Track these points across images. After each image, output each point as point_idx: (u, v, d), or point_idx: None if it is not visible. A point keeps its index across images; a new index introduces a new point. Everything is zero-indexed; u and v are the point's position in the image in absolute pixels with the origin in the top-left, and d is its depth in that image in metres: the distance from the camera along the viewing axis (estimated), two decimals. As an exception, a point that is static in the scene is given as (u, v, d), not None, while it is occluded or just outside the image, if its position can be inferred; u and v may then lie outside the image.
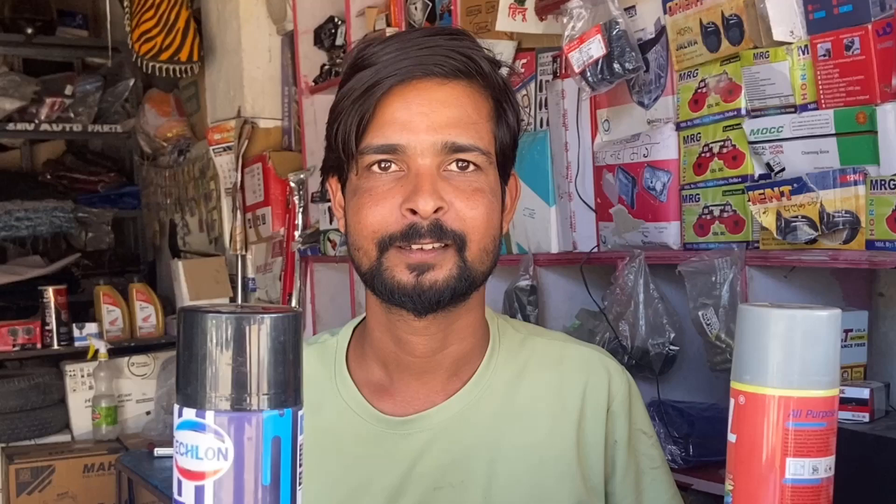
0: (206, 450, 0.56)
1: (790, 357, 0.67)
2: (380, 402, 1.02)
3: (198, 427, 0.56)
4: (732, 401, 0.69)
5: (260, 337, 0.56)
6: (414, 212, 0.93)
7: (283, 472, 0.57)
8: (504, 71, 1.02)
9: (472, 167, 0.96)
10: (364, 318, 1.07)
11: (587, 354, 1.08)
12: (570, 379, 1.05)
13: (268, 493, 0.57)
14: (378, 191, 0.95)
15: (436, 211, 0.93)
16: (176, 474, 0.57)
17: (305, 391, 1.06)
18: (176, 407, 0.57)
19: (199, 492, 0.56)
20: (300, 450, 0.59)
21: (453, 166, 0.96)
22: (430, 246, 0.94)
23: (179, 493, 0.57)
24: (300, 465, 0.59)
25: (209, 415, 0.56)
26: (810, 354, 0.67)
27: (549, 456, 1.02)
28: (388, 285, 0.95)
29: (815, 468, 0.67)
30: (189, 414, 0.56)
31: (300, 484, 0.59)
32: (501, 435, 1.02)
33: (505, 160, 1.02)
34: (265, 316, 0.56)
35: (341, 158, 0.99)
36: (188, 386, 0.56)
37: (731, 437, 0.70)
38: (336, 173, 1.03)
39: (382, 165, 0.96)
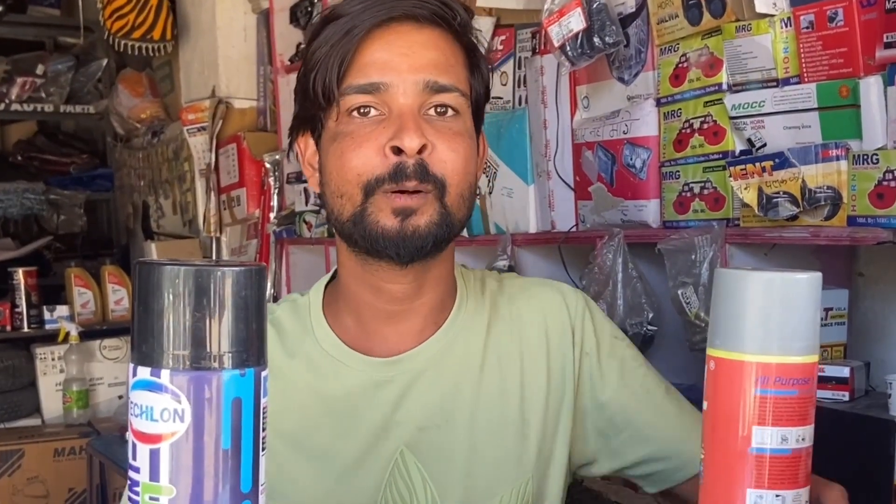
0: (161, 411, 0.52)
1: (760, 321, 0.65)
2: (358, 347, 1.03)
3: (153, 387, 0.52)
4: (706, 367, 0.68)
5: (221, 291, 0.53)
6: (399, 151, 0.93)
7: (245, 436, 0.54)
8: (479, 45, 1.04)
9: (450, 112, 0.97)
10: (332, 277, 1.07)
11: (541, 289, 1.11)
12: (532, 319, 1.08)
13: (228, 458, 0.53)
14: (360, 133, 0.95)
15: (420, 151, 0.94)
16: (131, 437, 0.54)
17: (282, 342, 1.05)
18: (131, 366, 0.54)
19: (154, 456, 0.53)
20: (263, 413, 0.55)
21: (432, 111, 0.97)
22: (412, 187, 0.94)
23: (134, 458, 0.54)
24: (263, 430, 0.55)
25: (165, 374, 0.52)
26: (782, 319, 0.65)
27: (526, 395, 1.04)
28: (372, 231, 0.95)
29: (784, 437, 0.65)
30: (144, 373, 0.53)
31: (263, 449, 0.55)
32: (479, 376, 1.04)
33: (478, 113, 1.03)
34: (227, 269, 0.53)
35: (319, 106, 0.98)
36: (143, 343, 0.53)
37: (704, 405, 0.68)
38: (308, 128, 1.03)
39: (362, 111, 0.96)
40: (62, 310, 3.60)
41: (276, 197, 3.05)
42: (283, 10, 3.03)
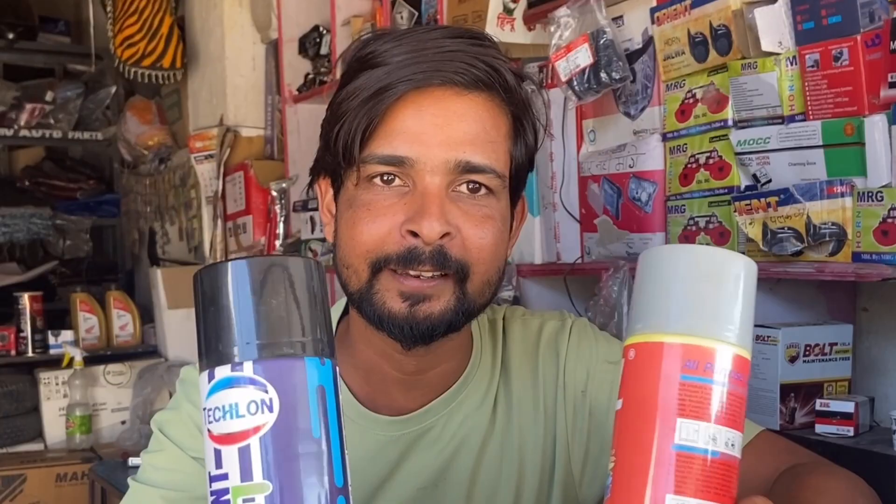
0: (247, 404, 0.50)
1: (683, 297, 0.55)
2: (365, 402, 0.99)
3: (235, 382, 0.50)
4: (622, 361, 0.58)
5: (293, 278, 0.51)
6: (415, 234, 0.85)
7: (332, 426, 0.51)
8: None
9: (483, 190, 0.88)
10: (343, 310, 1.01)
11: (548, 332, 1.03)
12: (543, 368, 1.01)
13: (320, 446, 0.50)
14: (377, 206, 0.87)
15: (441, 237, 0.85)
16: (211, 447, 0.51)
17: None
18: (204, 375, 0.51)
19: (243, 454, 0.49)
20: (342, 411, 0.53)
21: (463, 187, 0.87)
22: (429, 274, 0.86)
23: (219, 466, 0.50)
24: (344, 427, 0.53)
25: (247, 365, 0.50)
26: (709, 297, 0.55)
27: (527, 450, 1.00)
28: (378, 312, 0.88)
29: (713, 437, 0.54)
30: (223, 372, 0.50)
31: (346, 449, 0.53)
32: (484, 436, 1.00)
33: (518, 183, 0.94)
34: (297, 258, 0.52)
35: (339, 163, 0.90)
36: (218, 343, 0.51)
37: (618, 405, 0.58)
38: (329, 175, 0.96)
39: (385, 178, 0.87)
40: (67, 335, 3.61)
41: (281, 225, 3.06)
42: (291, 41, 3.06)
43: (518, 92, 0.91)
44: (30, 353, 3.57)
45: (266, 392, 0.50)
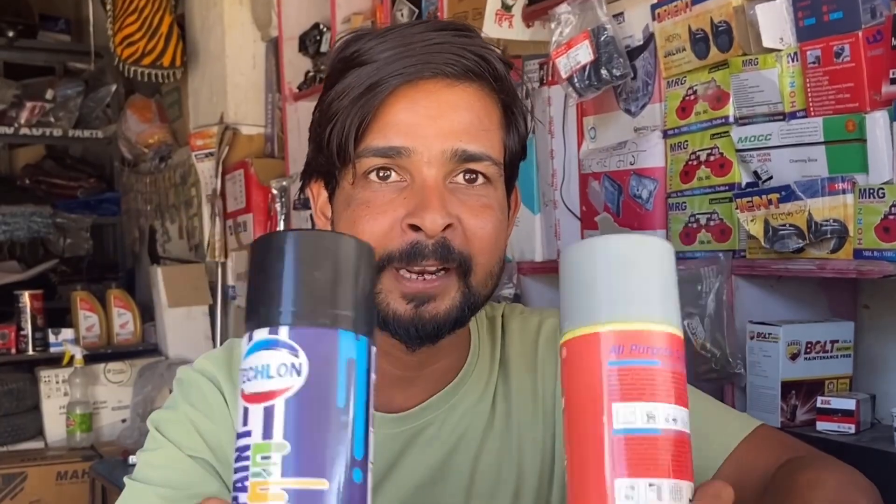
0: (278, 366, 0.52)
1: (606, 286, 0.57)
2: None
3: (270, 344, 0.52)
4: (560, 363, 0.60)
5: (338, 254, 0.54)
6: (417, 228, 0.84)
7: (357, 399, 0.53)
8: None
9: (480, 179, 0.88)
10: None
11: (547, 329, 1.03)
12: (543, 365, 1.01)
13: (341, 416, 0.52)
14: (376, 202, 0.86)
15: (443, 229, 0.84)
16: (241, 405, 0.53)
17: None
18: (245, 338, 0.54)
19: (268, 413, 0.51)
20: (373, 388, 0.55)
21: (460, 178, 0.87)
22: (432, 269, 0.85)
23: (245, 423, 0.52)
24: (372, 405, 0.54)
25: (283, 330, 0.52)
26: (631, 282, 0.57)
27: (527, 447, 1.00)
28: (382, 314, 0.87)
29: (650, 415, 0.55)
30: (261, 334, 0.53)
31: (372, 425, 0.54)
32: (483, 434, 0.99)
33: (512, 171, 0.94)
34: (346, 236, 0.55)
35: (333, 163, 0.89)
36: (260, 307, 0.53)
37: (562, 403, 0.59)
38: (322, 178, 0.95)
39: (381, 174, 0.86)
40: (67, 333, 3.61)
41: (282, 223, 3.06)
42: (291, 39, 3.06)
43: (507, 80, 0.90)
44: (30, 352, 3.58)
45: (297, 356, 0.52)
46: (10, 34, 4.33)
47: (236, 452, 0.53)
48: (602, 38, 1.66)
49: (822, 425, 1.41)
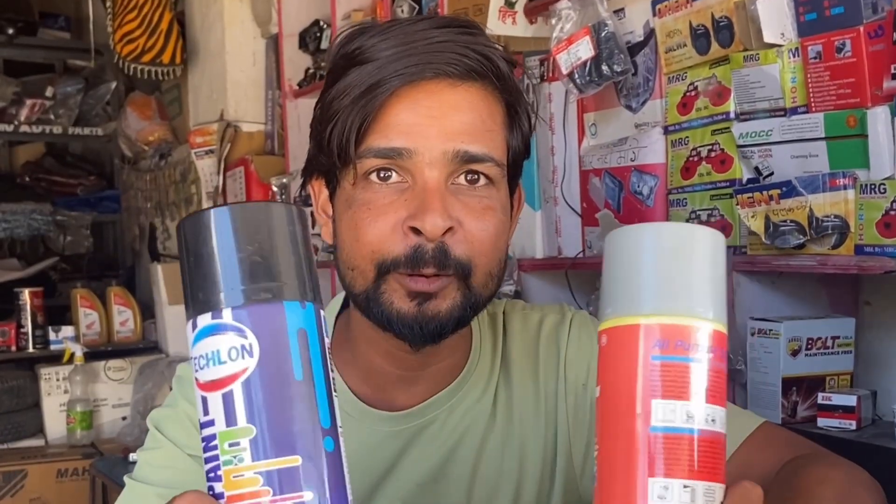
0: (228, 350, 0.51)
1: (653, 276, 0.54)
2: (364, 398, 0.98)
3: (216, 329, 0.51)
4: (596, 348, 0.58)
5: (271, 223, 0.52)
6: (418, 231, 0.83)
7: (315, 369, 0.52)
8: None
9: (483, 181, 0.87)
10: (343, 303, 1.00)
11: (548, 326, 1.03)
12: (544, 362, 1.01)
13: (302, 388, 0.51)
14: (377, 204, 0.85)
15: (444, 233, 0.84)
16: (199, 394, 0.52)
17: None
18: (189, 325, 0.52)
19: (227, 400, 0.50)
20: (328, 353, 0.53)
21: (462, 179, 0.86)
22: (431, 272, 0.84)
23: (206, 413, 0.51)
24: (331, 369, 0.53)
25: (226, 312, 0.51)
26: (680, 274, 0.54)
27: (528, 444, 0.99)
28: (386, 312, 0.86)
29: (689, 414, 0.53)
30: (205, 320, 0.51)
31: (335, 391, 0.53)
32: (485, 431, 0.99)
33: (515, 171, 0.94)
34: (273, 204, 0.53)
35: (334, 163, 0.88)
36: (199, 292, 0.52)
37: (595, 393, 0.57)
38: (323, 176, 0.94)
39: (382, 175, 0.85)
40: (67, 330, 3.61)
41: (282, 220, 3.06)
42: (291, 36, 3.05)
43: (511, 79, 0.89)
44: (30, 349, 3.57)
45: (245, 338, 0.51)
46: (10, 31, 4.32)
47: (203, 443, 0.52)
48: (603, 34, 1.66)
49: (822, 422, 1.40)
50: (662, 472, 0.53)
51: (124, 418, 3.49)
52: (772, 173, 1.44)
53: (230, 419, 0.50)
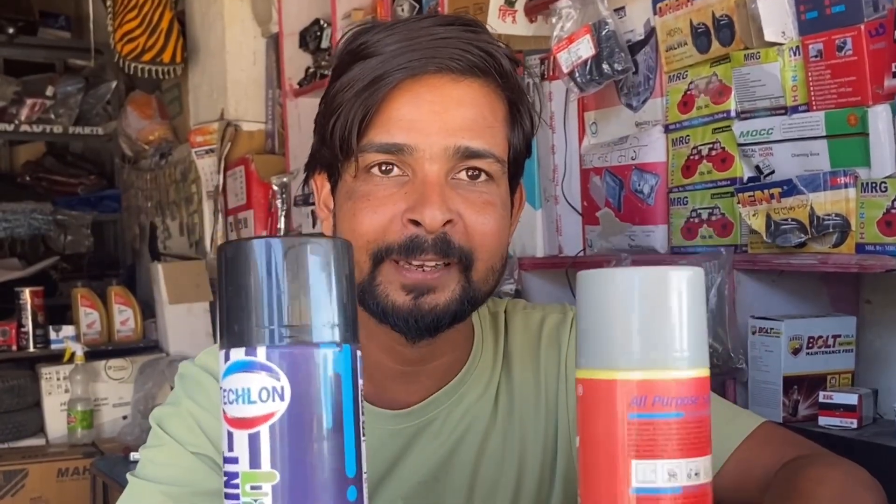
0: (259, 391, 0.49)
1: (627, 327, 0.52)
2: (366, 396, 0.98)
3: (248, 367, 0.50)
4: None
5: (312, 262, 0.50)
6: (417, 223, 0.84)
7: (347, 416, 0.51)
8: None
9: (483, 176, 0.87)
10: None
11: (550, 325, 1.03)
12: (545, 361, 1.01)
13: (331, 438, 0.50)
14: (377, 196, 0.86)
15: (443, 225, 0.84)
16: (225, 428, 0.51)
17: None
18: (222, 354, 0.51)
19: (253, 441, 0.49)
20: (361, 396, 0.53)
21: (463, 174, 0.86)
22: (432, 263, 0.85)
23: (231, 449, 0.50)
24: (362, 414, 0.53)
25: (261, 351, 0.50)
26: (655, 323, 0.52)
27: (529, 443, 0.99)
28: (382, 305, 0.87)
29: (671, 473, 0.52)
30: (237, 354, 0.50)
31: (364, 436, 0.53)
32: (486, 429, 0.99)
33: (516, 169, 0.94)
34: (320, 240, 0.51)
35: (336, 156, 0.88)
36: (235, 324, 0.50)
37: (576, 443, 0.56)
38: (325, 170, 0.94)
39: (384, 168, 0.86)
40: (68, 330, 3.61)
41: (283, 219, 3.06)
42: (292, 35, 3.05)
43: (513, 77, 0.90)
44: (31, 349, 3.57)
45: (278, 380, 0.49)
46: (11, 31, 4.32)
47: (225, 477, 0.51)
48: (603, 33, 1.66)
49: (824, 420, 1.40)
50: None
51: (125, 417, 3.49)
52: (773, 172, 1.44)
53: (254, 461, 0.50)
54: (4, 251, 4.59)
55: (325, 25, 2.89)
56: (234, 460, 0.50)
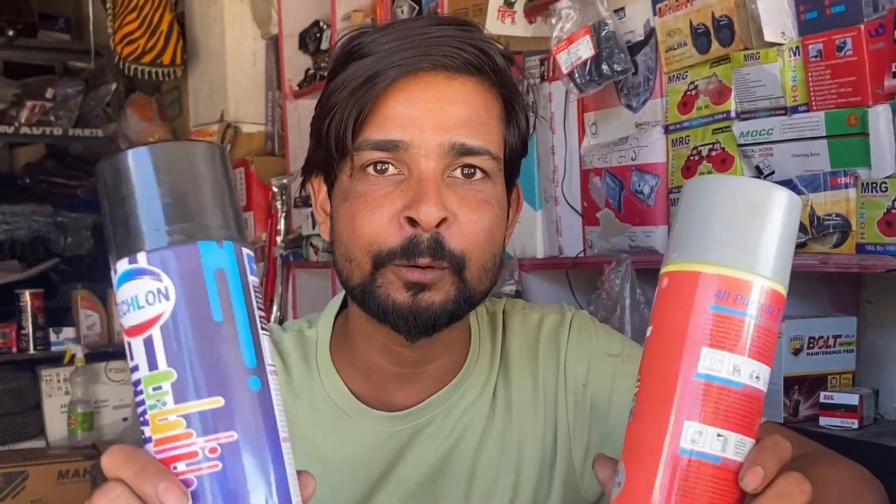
0: (146, 294, 0.51)
1: (723, 228, 0.55)
2: (363, 397, 0.98)
3: (133, 274, 0.51)
4: (657, 290, 0.59)
5: (186, 163, 0.51)
6: (414, 222, 0.84)
7: (237, 307, 0.51)
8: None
9: (479, 174, 0.87)
10: (341, 305, 1.01)
11: (548, 326, 1.03)
12: (544, 362, 1.01)
13: (223, 329, 0.51)
14: (374, 196, 0.86)
15: (438, 224, 0.84)
16: (125, 340, 0.52)
17: (288, 378, 0.98)
18: (111, 271, 0.52)
19: (147, 345, 0.50)
20: (254, 291, 0.53)
21: (458, 173, 0.87)
22: (425, 264, 0.85)
23: (131, 358, 0.52)
24: (257, 307, 0.53)
25: (141, 256, 0.51)
26: (750, 230, 0.55)
27: (526, 444, 0.99)
28: (382, 304, 0.87)
29: (736, 367, 0.54)
30: (122, 266, 0.52)
31: (262, 328, 0.53)
32: (483, 429, 0.99)
33: (512, 168, 0.94)
34: (184, 142, 0.52)
35: (332, 156, 0.89)
36: (115, 236, 0.52)
37: (648, 332, 0.58)
38: (322, 173, 0.95)
39: (379, 167, 0.86)
40: (68, 332, 3.61)
41: (283, 220, 3.06)
42: (292, 36, 3.05)
43: (508, 75, 0.90)
44: (31, 351, 3.57)
45: (161, 281, 0.51)
46: (10, 33, 4.32)
47: (132, 387, 0.53)
48: (603, 34, 1.66)
49: (825, 420, 1.40)
50: (699, 418, 0.54)
51: (125, 419, 3.49)
52: (773, 172, 1.44)
53: (152, 364, 0.51)
54: (4, 253, 4.58)
55: (325, 27, 2.89)
56: (136, 368, 0.51)
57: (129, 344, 0.52)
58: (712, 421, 0.54)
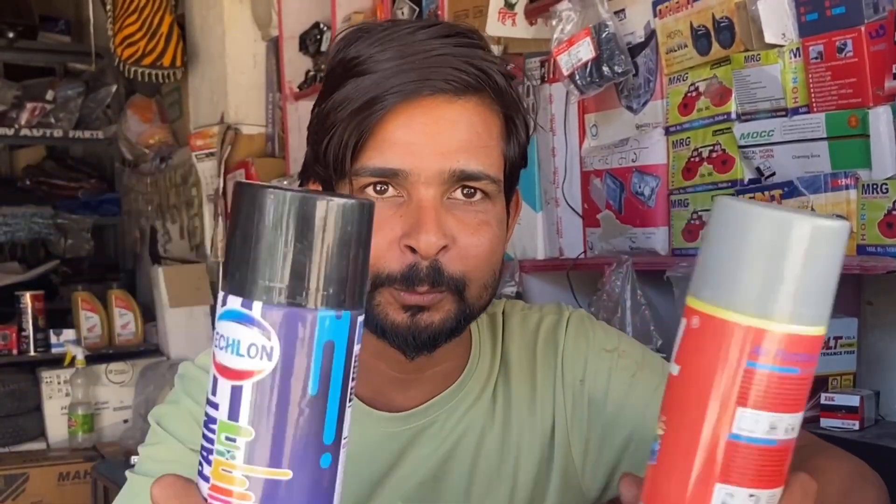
0: (248, 346, 0.48)
1: (772, 275, 0.49)
2: (363, 398, 0.98)
3: (242, 319, 0.48)
4: (684, 321, 0.53)
5: (327, 222, 0.48)
6: (414, 250, 0.84)
7: (333, 384, 0.50)
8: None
9: (479, 195, 0.87)
10: None
11: (546, 326, 1.03)
12: (542, 362, 1.01)
13: (314, 405, 0.49)
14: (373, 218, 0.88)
15: (438, 251, 0.84)
16: (213, 371, 0.50)
17: None
18: (221, 294, 0.50)
19: (235, 393, 0.49)
20: (355, 361, 0.52)
21: (458, 193, 0.86)
22: (425, 290, 0.85)
23: (214, 392, 0.50)
24: (352, 380, 0.51)
25: (257, 306, 0.48)
26: (801, 276, 0.49)
27: (525, 443, 0.99)
28: (381, 323, 0.87)
29: (772, 426, 0.51)
30: (234, 303, 0.49)
31: (350, 401, 0.52)
32: (482, 429, 0.99)
33: (512, 180, 0.94)
34: (336, 199, 0.48)
35: (330, 175, 0.88)
36: (237, 270, 0.48)
37: (673, 369, 0.53)
38: (320, 184, 0.94)
39: (378, 189, 0.86)
40: (68, 333, 3.60)
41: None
42: (292, 38, 3.06)
43: (508, 92, 0.89)
44: (31, 353, 3.56)
45: (269, 339, 0.48)
46: (11, 35, 4.32)
47: (205, 417, 0.51)
48: (603, 35, 1.66)
49: (826, 422, 1.40)
50: (732, 480, 0.51)
51: (126, 421, 3.49)
52: (773, 174, 1.44)
53: (233, 414, 0.49)
54: (5, 255, 4.58)
55: (325, 29, 2.89)
56: (216, 406, 0.50)
57: (216, 379, 0.50)
58: (745, 482, 0.51)
